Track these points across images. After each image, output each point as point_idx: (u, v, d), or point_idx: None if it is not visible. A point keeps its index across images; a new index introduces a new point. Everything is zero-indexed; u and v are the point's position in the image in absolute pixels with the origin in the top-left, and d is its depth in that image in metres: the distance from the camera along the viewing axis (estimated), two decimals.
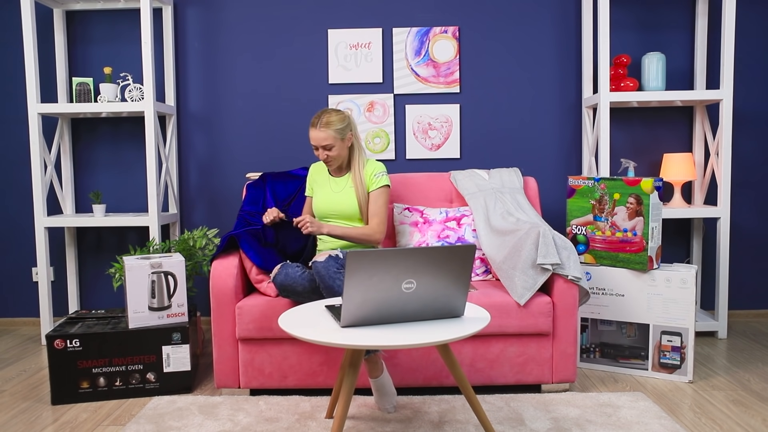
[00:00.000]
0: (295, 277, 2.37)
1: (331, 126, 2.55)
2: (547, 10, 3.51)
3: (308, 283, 2.36)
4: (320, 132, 2.55)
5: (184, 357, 2.59)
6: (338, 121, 2.56)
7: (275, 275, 2.43)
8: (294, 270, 2.40)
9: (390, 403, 2.31)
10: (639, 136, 3.55)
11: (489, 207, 2.90)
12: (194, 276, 3.43)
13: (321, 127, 2.54)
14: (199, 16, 3.54)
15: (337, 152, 2.59)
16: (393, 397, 2.32)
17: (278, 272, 2.42)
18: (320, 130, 2.55)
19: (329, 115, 2.57)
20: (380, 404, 2.32)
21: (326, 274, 2.24)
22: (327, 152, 2.58)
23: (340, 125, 2.56)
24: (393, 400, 2.31)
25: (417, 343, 1.67)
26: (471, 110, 3.54)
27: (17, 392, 2.66)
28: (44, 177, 3.32)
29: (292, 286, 2.38)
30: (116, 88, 3.33)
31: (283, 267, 2.43)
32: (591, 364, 2.83)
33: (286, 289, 2.40)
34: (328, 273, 2.24)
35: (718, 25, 3.48)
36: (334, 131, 2.55)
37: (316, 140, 2.56)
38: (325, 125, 2.54)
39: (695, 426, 2.22)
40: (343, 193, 2.65)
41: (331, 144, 2.56)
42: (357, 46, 3.51)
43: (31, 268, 3.67)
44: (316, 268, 2.27)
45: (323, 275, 2.25)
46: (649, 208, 2.62)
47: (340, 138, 2.57)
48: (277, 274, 2.42)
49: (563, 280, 2.47)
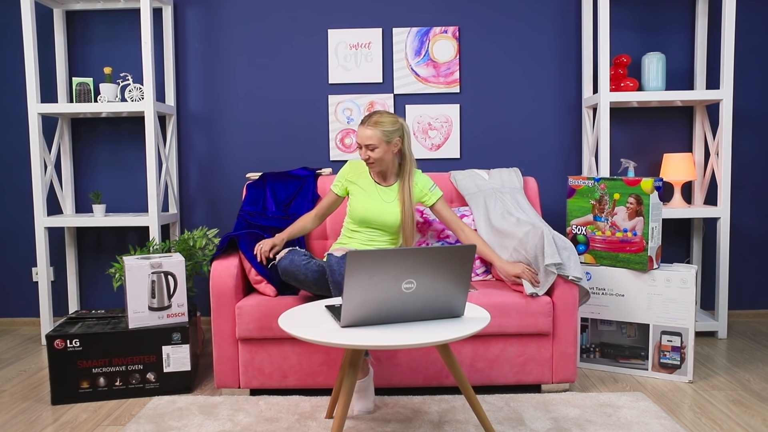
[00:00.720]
0: (300, 266, 2.36)
1: (380, 126, 2.47)
2: (547, 10, 3.51)
3: (311, 274, 2.35)
4: (367, 129, 2.48)
5: (184, 357, 2.59)
6: (389, 124, 2.49)
7: (281, 259, 2.42)
8: (300, 258, 2.38)
9: (369, 407, 2.31)
10: (639, 136, 3.55)
11: (489, 207, 2.90)
12: (194, 276, 3.43)
13: (369, 125, 2.48)
14: (199, 16, 3.54)
15: (380, 155, 2.51)
16: (372, 401, 2.32)
17: (284, 257, 2.41)
18: (368, 128, 2.48)
19: (381, 116, 2.50)
20: (359, 406, 2.30)
21: (338, 270, 2.22)
22: (369, 152, 2.50)
23: (389, 128, 2.49)
24: (372, 404, 2.32)
25: (417, 343, 1.67)
26: (471, 110, 3.54)
27: (17, 392, 2.66)
28: (44, 177, 3.32)
29: (295, 273, 2.37)
30: (116, 88, 3.33)
31: (290, 252, 2.42)
32: (591, 364, 2.83)
33: (288, 275, 2.39)
34: (340, 269, 2.22)
35: (718, 25, 3.48)
36: (382, 132, 2.47)
37: (361, 137, 2.50)
38: (374, 124, 2.48)
39: (695, 426, 2.22)
40: (391, 206, 2.61)
41: (375, 145, 2.49)
42: (357, 46, 3.51)
43: (31, 268, 3.68)
44: (330, 261, 2.25)
45: (335, 270, 2.23)
46: (649, 208, 2.62)
47: (385, 141, 2.49)
48: (283, 258, 2.41)
49: (563, 280, 2.47)
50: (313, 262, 2.39)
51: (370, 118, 2.50)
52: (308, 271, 2.36)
